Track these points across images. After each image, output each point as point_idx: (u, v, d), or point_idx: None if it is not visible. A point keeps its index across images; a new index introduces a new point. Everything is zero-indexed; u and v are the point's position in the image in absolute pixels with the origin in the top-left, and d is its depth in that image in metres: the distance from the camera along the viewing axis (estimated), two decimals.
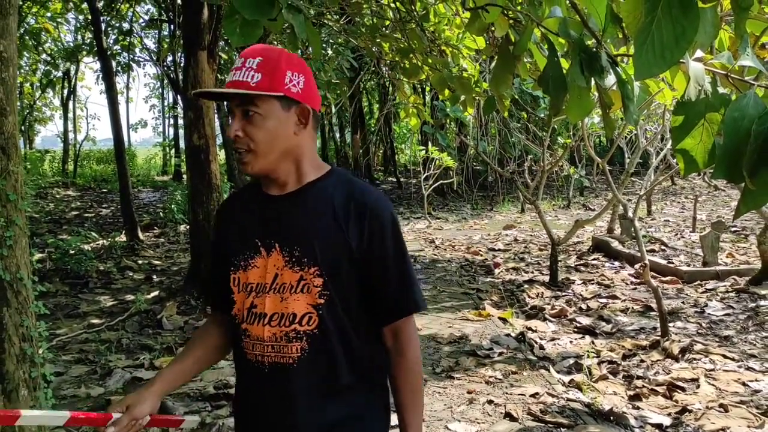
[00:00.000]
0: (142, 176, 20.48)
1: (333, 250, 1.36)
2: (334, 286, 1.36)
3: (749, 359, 4.08)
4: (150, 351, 4.54)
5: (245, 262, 1.41)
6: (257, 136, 1.33)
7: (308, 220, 1.39)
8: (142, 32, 16.08)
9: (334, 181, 1.42)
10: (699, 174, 11.28)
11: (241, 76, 1.33)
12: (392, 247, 1.41)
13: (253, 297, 1.39)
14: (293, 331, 1.36)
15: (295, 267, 1.36)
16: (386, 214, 1.41)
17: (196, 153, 5.73)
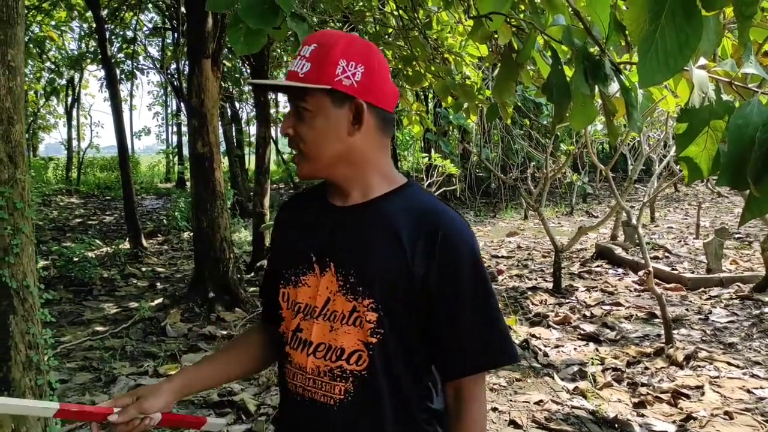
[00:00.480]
0: (145, 183, 20.55)
1: (392, 279, 1.14)
2: (390, 324, 1.14)
3: (754, 366, 4.07)
4: (154, 358, 4.55)
5: (296, 278, 1.22)
6: (306, 135, 1.15)
7: (368, 241, 1.17)
8: (146, 40, 16.17)
9: (406, 198, 1.21)
10: (702, 181, 11.27)
11: (295, 65, 1.15)
12: (470, 284, 1.16)
13: (300, 319, 1.21)
14: (339, 369, 1.16)
15: (349, 295, 1.15)
16: (464, 241, 1.17)
17: (200, 160, 5.75)
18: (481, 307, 1.17)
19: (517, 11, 2.79)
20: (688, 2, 1.22)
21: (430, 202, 1.21)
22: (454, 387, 1.20)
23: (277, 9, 1.94)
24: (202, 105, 5.60)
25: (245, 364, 1.37)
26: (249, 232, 9.51)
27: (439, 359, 1.20)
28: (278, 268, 1.27)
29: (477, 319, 1.17)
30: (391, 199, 1.20)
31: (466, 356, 1.17)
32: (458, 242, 1.16)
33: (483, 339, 1.18)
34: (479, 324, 1.17)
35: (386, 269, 1.14)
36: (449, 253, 1.14)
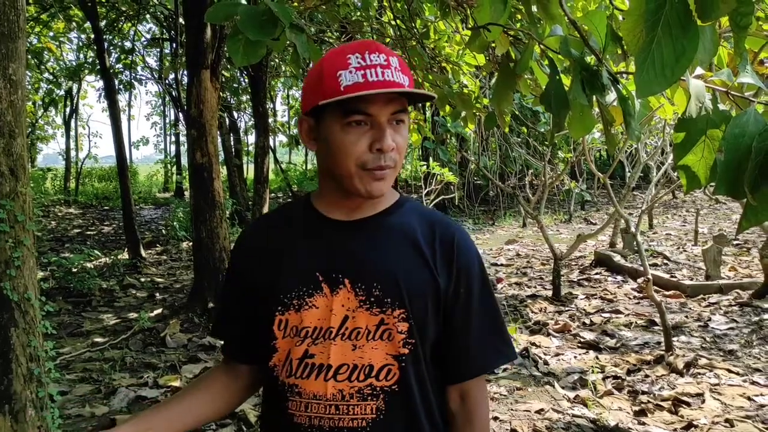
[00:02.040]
0: (143, 193, 20.56)
1: (421, 289, 1.15)
2: (420, 333, 1.15)
3: (754, 373, 4.07)
4: (154, 369, 4.54)
5: (300, 301, 1.15)
6: (404, 148, 1.13)
7: (390, 252, 1.16)
8: (144, 51, 16.21)
9: (410, 209, 1.23)
10: (700, 188, 11.28)
11: (393, 76, 1.08)
12: (479, 288, 1.21)
13: (308, 344, 1.14)
14: (369, 387, 1.13)
15: (374, 308, 1.13)
16: (473, 250, 1.23)
17: (199, 171, 5.76)
18: (488, 309, 1.22)
19: (515, 21, 2.82)
20: (684, 13, 1.24)
21: (435, 213, 1.26)
22: (461, 390, 1.22)
23: (276, 20, 1.95)
24: (201, 115, 5.62)
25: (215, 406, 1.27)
26: None
27: (449, 362, 1.21)
28: (266, 294, 1.18)
29: (486, 320, 1.22)
30: (399, 211, 1.21)
31: (476, 358, 1.20)
32: (470, 249, 1.21)
33: (491, 339, 1.22)
34: (488, 325, 1.22)
35: (415, 278, 1.15)
36: (464, 260, 1.19)
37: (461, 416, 1.22)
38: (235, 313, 1.27)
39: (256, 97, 8.38)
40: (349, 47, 1.11)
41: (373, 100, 1.08)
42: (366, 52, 1.09)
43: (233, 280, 1.27)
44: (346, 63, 1.08)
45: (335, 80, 1.08)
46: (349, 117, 1.08)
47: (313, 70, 1.14)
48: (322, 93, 1.08)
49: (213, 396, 1.26)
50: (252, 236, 1.28)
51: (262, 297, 1.19)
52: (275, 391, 1.19)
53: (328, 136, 1.12)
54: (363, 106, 1.08)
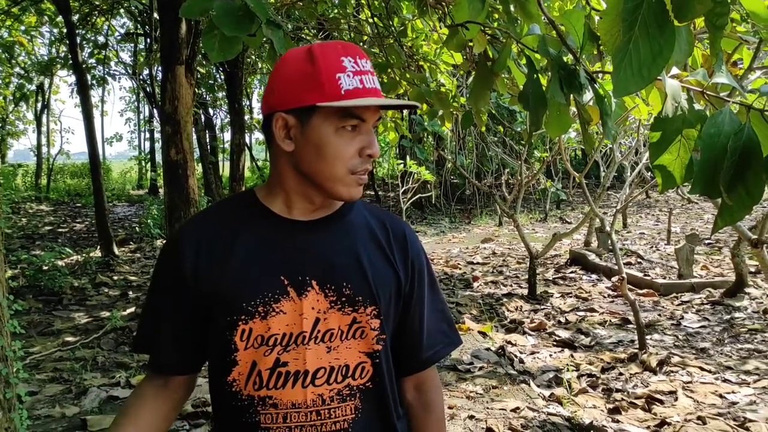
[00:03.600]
0: (117, 190, 20.25)
1: (387, 284, 1.16)
2: (388, 328, 1.16)
3: (725, 371, 4.13)
4: (126, 369, 4.47)
5: (265, 307, 1.09)
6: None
7: (356, 251, 1.15)
8: (118, 46, 15.98)
9: (360, 207, 1.23)
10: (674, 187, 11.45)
11: (375, 83, 1.10)
12: (429, 280, 1.25)
13: (278, 352, 1.09)
14: (347, 388, 1.12)
15: (346, 308, 1.12)
16: (420, 243, 1.26)
17: (174, 168, 5.68)
18: (437, 299, 1.27)
19: (492, 20, 2.81)
20: (661, 13, 1.24)
21: (380, 209, 1.28)
22: (416, 381, 1.25)
23: (253, 16, 1.93)
24: (176, 112, 5.54)
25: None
26: None
27: (404, 354, 1.23)
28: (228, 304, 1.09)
29: (435, 311, 1.26)
30: (353, 210, 1.21)
31: (430, 347, 1.24)
32: (418, 243, 1.25)
33: (441, 329, 1.27)
34: (437, 315, 1.26)
35: (382, 274, 1.16)
36: (416, 253, 1.22)
37: (418, 406, 1.25)
38: (170, 324, 1.16)
39: (232, 93, 8.30)
40: (337, 48, 1.08)
41: (368, 106, 1.07)
42: (357, 57, 1.08)
43: (168, 288, 1.16)
44: (342, 65, 1.06)
45: (335, 82, 1.05)
46: (346, 121, 1.06)
47: (296, 66, 1.08)
48: (320, 94, 1.04)
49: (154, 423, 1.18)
50: (193, 237, 1.15)
51: (217, 307, 1.10)
52: (237, 407, 1.12)
53: (317, 138, 1.07)
54: (360, 112, 1.07)
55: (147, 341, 1.20)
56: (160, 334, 1.17)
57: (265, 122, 1.13)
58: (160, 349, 1.18)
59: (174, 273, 1.14)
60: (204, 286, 1.11)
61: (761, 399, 3.61)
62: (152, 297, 1.20)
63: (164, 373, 1.21)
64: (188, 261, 1.12)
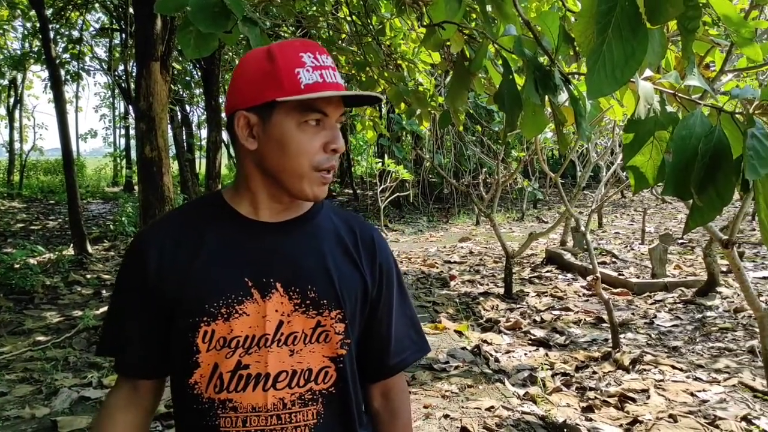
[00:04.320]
0: (91, 187, 19.98)
1: (353, 288, 1.15)
2: (353, 333, 1.15)
3: (697, 369, 4.19)
4: (98, 369, 4.40)
5: (228, 309, 1.08)
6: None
7: (323, 253, 1.14)
8: (93, 41, 15.77)
9: (329, 211, 1.22)
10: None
11: (339, 79, 1.10)
12: (397, 286, 1.24)
13: (240, 354, 1.08)
14: (309, 392, 1.10)
15: (311, 311, 1.10)
16: (389, 248, 1.26)
17: (149, 165, 5.61)
18: (405, 305, 1.26)
19: (469, 20, 2.82)
20: (634, 16, 1.25)
21: (349, 213, 1.27)
22: (383, 388, 1.24)
23: (229, 13, 1.91)
24: (151, 108, 5.47)
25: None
26: None
27: (371, 361, 1.22)
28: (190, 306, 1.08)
29: (403, 317, 1.25)
30: (320, 214, 1.20)
31: (398, 354, 1.23)
32: (386, 247, 1.24)
33: (409, 335, 1.26)
34: (406, 321, 1.26)
35: (347, 278, 1.15)
36: (384, 258, 1.22)
37: (385, 414, 1.24)
38: (136, 324, 1.14)
39: (208, 90, 8.23)
40: (295, 45, 1.08)
41: (329, 100, 1.07)
42: (316, 53, 1.08)
43: (133, 288, 1.14)
44: (301, 61, 1.06)
45: (294, 77, 1.04)
46: (308, 116, 1.06)
47: (256, 65, 1.08)
48: (279, 89, 1.04)
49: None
50: (158, 238, 1.13)
51: (180, 307, 1.09)
52: (198, 410, 1.10)
53: (279, 134, 1.07)
54: (322, 106, 1.07)
55: (112, 342, 1.18)
56: (124, 334, 1.15)
57: (229, 122, 1.13)
58: (125, 350, 1.16)
59: (138, 273, 1.12)
60: (167, 286, 1.10)
61: (731, 397, 3.67)
62: (117, 298, 1.18)
63: (131, 375, 1.18)
64: (152, 261, 1.11)
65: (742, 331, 4.98)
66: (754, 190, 1.29)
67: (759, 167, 1.22)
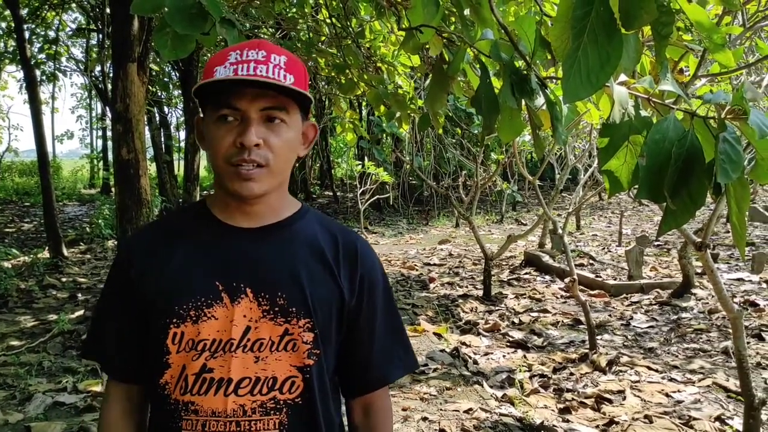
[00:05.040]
0: (67, 189, 19.71)
1: (326, 299, 1.13)
2: (324, 343, 1.13)
3: (672, 370, 4.24)
4: (74, 374, 4.34)
5: (197, 312, 1.08)
6: (280, 149, 1.08)
7: (296, 261, 1.13)
8: (69, 41, 15.57)
9: (312, 219, 1.20)
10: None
11: (269, 72, 1.05)
12: (382, 300, 1.21)
13: (206, 358, 1.08)
14: (272, 401, 1.08)
15: (279, 318, 1.09)
16: (376, 260, 1.23)
17: (125, 167, 5.55)
18: (391, 320, 1.23)
19: (448, 24, 2.83)
20: (609, 21, 1.26)
21: (336, 223, 1.25)
22: (364, 403, 1.22)
23: (206, 14, 1.89)
24: (127, 110, 5.42)
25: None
26: None
27: (352, 374, 1.20)
28: (157, 305, 1.10)
29: (389, 332, 1.22)
30: (301, 221, 1.18)
31: (380, 368, 1.20)
32: (373, 260, 1.21)
33: (394, 350, 1.23)
34: (391, 337, 1.23)
35: (320, 288, 1.13)
36: (368, 271, 1.19)
37: (365, 430, 1.22)
38: (117, 325, 1.17)
39: (187, 92, 8.17)
40: (236, 45, 1.10)
41: (242, 94, 1.05)
42: (246, 49, 1.07)
43: (117, 292, 1.17)
44: (224, 59, 1.07)
45: (211, 75, 1.06)
46: (219, 111, 1.07)
47: None
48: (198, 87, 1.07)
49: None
50: (140, 244, 1.18)
51: (154, 309, 1.11)
52: (165, 412, 1.10)
53: (206, 133, 1.11)
54: (233, 101, 1.06)
55: (94, 345, 1.21)
56: (106, 336, 1.18)
57: None
58: (106, 351, 1.18)
59: (121, 276, 1.16)
60: (145, 288, 1.12)
61: (705, 398, 3.72)
62: (101, 300, 1.22)
63: (120, 379, 1.19)
64: (135, 266, 1.15)
65: (716, 332, 5.05)
66: (725, 193, 1.31)
67: (730, 171, 1.23)
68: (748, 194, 1.35)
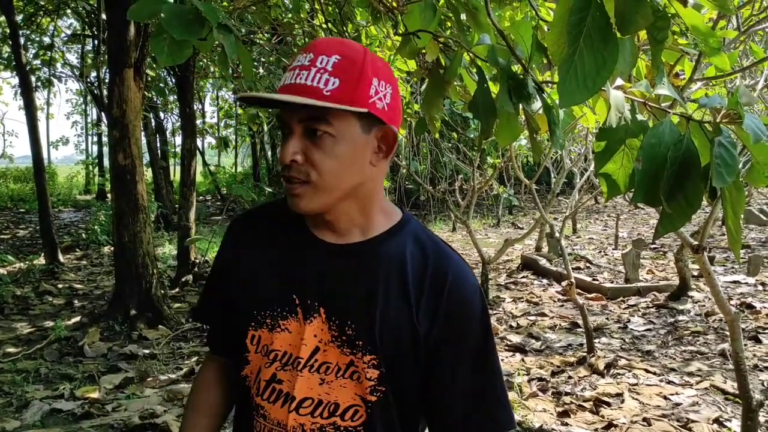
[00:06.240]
0: (63, 195, 19.67)
1: (396, 334, 1.01)
2: (392, 380, 1.02)
3: (670, 373, 4.25)
4: (71, 380, 4.33)
5: (273, 321, 1.05)
6: (324, 164, 0.96)
7: (370, 290, 1.02)
8: (64, 47, 15.56)
9: (408, 236, 1.07)
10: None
11: (309, 78, 0.95)
12: (473, 342, 1.05)
13: (276, 368, 1.05)
14: (332, 426, 1.03)
15: (345, 348, 1.02)
16: (471, 294, 1.05)
17: (122, 173, 5.55)
18: (482, 367, 1.06)
19: (444, 29, 2.84)
20: (605, 26, 1.27)
21: (433, 243, 1.08)
22: None
23: (203, 20, 1.90)
24: (124, 116, 5.42)
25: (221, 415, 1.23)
26: (174, 246, 9.24)
27: (432, 417, 1.09)
28: (242, 301, 1.09)
29: (478, 382, 1.06)
30: (393, 239, 1.06)
31: (467, 419, 1.05)
32: (465, 295, 1.05)
33: (481, 405, 1.06)
34: (479, 388, 1.06)
35: (391, 325, 1.01)
36: (456, 307, 1.03)
37: None
38: (215, 302, 1.18)
39: (183, 97, 8.15)
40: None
41: (283, 107, 0.97)
42: (302, 52, 0.99)
43: (217, 268, 1.18)
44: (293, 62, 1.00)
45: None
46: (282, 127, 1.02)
47: None
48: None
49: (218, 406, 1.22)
50: (243, 229, 1.16)
51: (239, 304, 1.10)
52: (246, 403, 1.11)
53: None
54: (281, 113, 0.99)
55: (198, 311, 1.24)
56: (203, 305, 1.22)
57: None
58: (207, 321, 1.23)
59: (221, 255, 1.18)
60: (231, 278, 1.13)
61: (703, 400, 3.73)
62: (211, 271, 1.22)
63: (209, 348, 1.25)
64: (231, 250, 1.16)
65: (714, 334, 5.06)
66: (721, 197, 1.31)
67: (726, 175, 1.24)
68: (743, 198, 1.36)
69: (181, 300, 6.81)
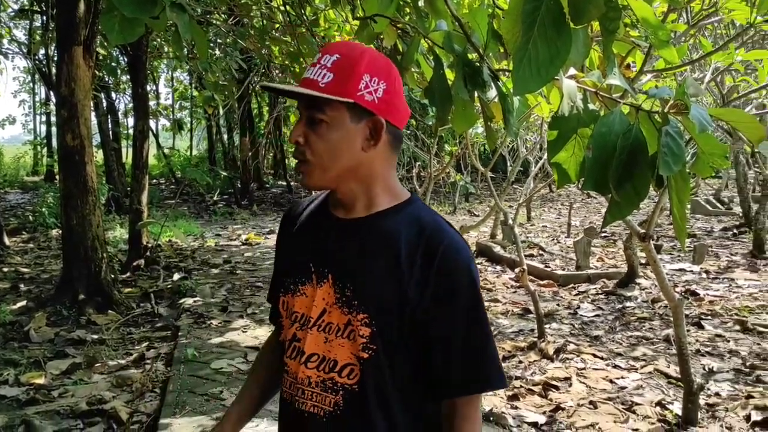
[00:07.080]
0: (9, 176, 19.02)
1: (386, 297, 1.14)
2: (383, 341, 1.13)
3: (616, 357, 4.37)
4: (15, 366, 4.21)
5: (295, 286, 1.23)
6: (318, 147, 1.13)
7: (366, 256, 1.17)
8: (11, 23, 14.97)
9: (407, 214, 1.20)
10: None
11: (313, 73, 1.13)
12: (464, 308, 1.15)
13: (296, 329, 1.21)
14: (330, 381, 1.16)
15: (344, 308, 1.15)
16: (462, 263, 1.16)
17: (70, 154, 5.40)
18: (473, 331, 1.16)
19: (403, 14, 2.83)
20: (558, 16, 1.28)
21: (431, 220, 1.19)
22: (449, 405, 1.18)
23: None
24: (73, 95, 5.26)
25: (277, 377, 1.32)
26: (125, 230, 9.04)
27: (428, 379, 1.17)
28: (279, 276, 1.30)
29: (468, 343, 1.15)
30: (393, 215, 1.19)
31: (454, 380, 1.15)
32: (456, 264, 1.15)
33: (472, 363, 1.16)
34: (470, 348, 1.16)
35: (382, 287, 1.14)
36: (447, 273, 1.13)
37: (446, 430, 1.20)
38: (275, 282, 1.36)
39: (135, 77, 7.95)
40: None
41: (291, 96, 1.19)
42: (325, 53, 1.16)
43: (275, 254, 1.39)
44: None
45: None
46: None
47: None
48: None
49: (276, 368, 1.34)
50: (292, 210, 1.38)
51: (279, 274, 1.31)
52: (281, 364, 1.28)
53: None
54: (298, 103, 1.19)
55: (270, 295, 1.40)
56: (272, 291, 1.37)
57: None
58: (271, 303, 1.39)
59: (276, 243, 1.40)
60: (279, 257, 1.35)
61: (647, 383, 3.85)
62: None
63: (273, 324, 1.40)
64: (279, 237, 1.38)
65: (659, 320, 5.22)
66: (668, 186, 1.35)
67: (672, 164, 1.27)
68: (689, 187, 1.40)
69: (132, 284, 6.68)
